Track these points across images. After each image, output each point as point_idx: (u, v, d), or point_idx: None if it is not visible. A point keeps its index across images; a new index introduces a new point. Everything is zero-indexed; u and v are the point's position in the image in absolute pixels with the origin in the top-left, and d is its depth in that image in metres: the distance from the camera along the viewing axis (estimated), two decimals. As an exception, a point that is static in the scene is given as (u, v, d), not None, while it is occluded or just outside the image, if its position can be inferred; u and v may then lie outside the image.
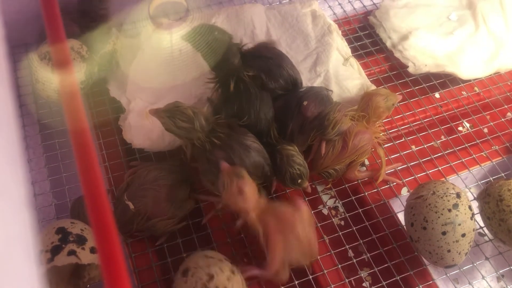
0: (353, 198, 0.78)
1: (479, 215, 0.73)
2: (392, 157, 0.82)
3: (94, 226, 0.36)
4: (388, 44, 0.96)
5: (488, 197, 0.71)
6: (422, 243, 0.68)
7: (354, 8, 1.05)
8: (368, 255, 0.72)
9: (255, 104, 0.74)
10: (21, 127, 0.85)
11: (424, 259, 0.71)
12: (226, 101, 0.75)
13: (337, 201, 0.78)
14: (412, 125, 0.88)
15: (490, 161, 0.83)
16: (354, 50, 0.95)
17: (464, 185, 0.80)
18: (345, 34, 0.99)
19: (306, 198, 0.78)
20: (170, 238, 0.72)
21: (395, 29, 0.97)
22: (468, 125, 0.88)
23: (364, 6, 1.06)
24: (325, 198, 0.79)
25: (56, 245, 0.60)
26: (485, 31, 0.96)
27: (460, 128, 0.88)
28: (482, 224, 0.74)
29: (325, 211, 0.78)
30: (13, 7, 0.87)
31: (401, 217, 0.75)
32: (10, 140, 0.33)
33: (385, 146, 0.82)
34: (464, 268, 0.71)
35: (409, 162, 0.82)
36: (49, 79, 0.80)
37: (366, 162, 0.82)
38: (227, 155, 0.69)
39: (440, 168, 0.81)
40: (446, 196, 0.67)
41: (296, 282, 0.69)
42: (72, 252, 0.60)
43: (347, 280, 0.70)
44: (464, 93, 0.92)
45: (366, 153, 0.76)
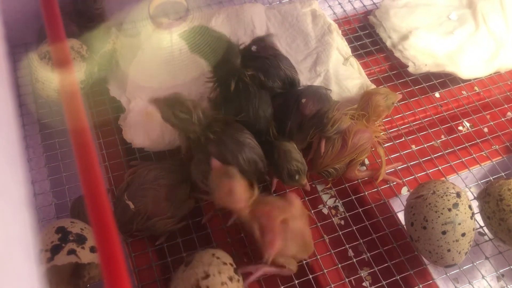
0: (353, 197, 0.78)
1: (479, 214, 0.73)
2: (392, 156, 0.82)
3: (94, 226, 0.36)
4: (388, 43, 0.96)
5: (488, 197, 0.71)
6: (422, 243, 0.68)
7: (354, 8, 1.05)
8: (368, 254, 0.72)
9: (254, 102, 0.74)
10: (21, 127, 0.85)
11: (424, 259, 0.71)
12: (226, 100, 0.75)
13: (337, 201, 0.78)
14: (412, 124, 0.88)
15: (490, 161, 0.83)
16: (354, 49, 0.95)
17: (464, 185, 0.80)
18: (345, 33, 0.99)
19: (306, 198, 0.78)
20: (170, 238, 0.72)
21: (395, 29, 0.97)
22: (468, 124, 0.88)
23: (364, 5, 1.06)
24: (325, 197, 0.79)
25: (56, 244, 0.60)
26: (485, 30, 0.96)
27: (460, 128, 0.88)
28: (482, 224, 0.74)
29: (325, 211, 0.78)
30: (13, 7, 0.87)
31: (401, 216, 0.75)
32: (10, 139, 0.33)
33: (385, 145, 0.82)
34: (464, 267, 0.71)
35: (409, 161, 0.82)
36: (49, 79, 0.80)
37: (366, 162, 0.82)
38: (220, 150, 0.69)
39: (440, 168, 0.81)
40: (446, 195, 0.67)
41: (296, 281, 0.69)
42: (72, 252, 0.60)
43: (347, 280, 0.70)
44: (464, 92, 0.92)
45: (366, 151, 0.76)
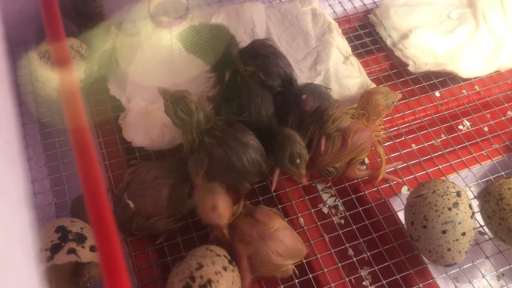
0: (353, 196, 0.78)
1: (479, 213, 0.73)
2: (392, 155, 0.82)
3: (94, 225, 0.36)
4: (389, 42, 0.96)
5: (489, 196, 0.71)
6: (422, 242, 0.68)
7: (354, 7, 1.05)
8: (368, 253, 0.72)
9: (256, 101, 0.74)
10: (21, 126, 0.85)
11: (424, 258, 0.71)
12: (226, 99, 0.75)
13: (337, 200, 0.78)
14: (412, 123, 0.87)
15: (490, 160, 0.83)
16: (354, 48, 0.95)
17: (464, 184, 0.80)
18: (345, 32, 0.99)
19: (306, 197, 0.78)
20: (170, 237, 0.72)
21: (396, 28, 0.97)
22: (468, 123, 0.88)
23: (364, 4, 1.06)
24: (325, 196, 0.79)
25: (56, 243, 0.60)
26: (486, 29, 0.96)
27: (460, 127, 0.88)
28: (482, 223, 0.74)
29: (325, 210, 0.78)
30: (12, 6, 0.87)
31: (401, 215, 0.75)
32: (10, 138, 0.33)
33: (385, 144, 0.82)
34: (464, 266, 0.71)
35: (409, 160, 0.82)
36: (48, 78, 0.80)
37: (366, 161, 0.82)
38: (224, 152, 0.69)
39: (440, 167, 0.81)
40: (447, 194, 0.67)
41: (296, 281, 0.69)
42: (71, 251, 0.60)
43: (347, 279, 0.70)
44: (464, 91, 0.92)
45: (366, 150, 0.76)
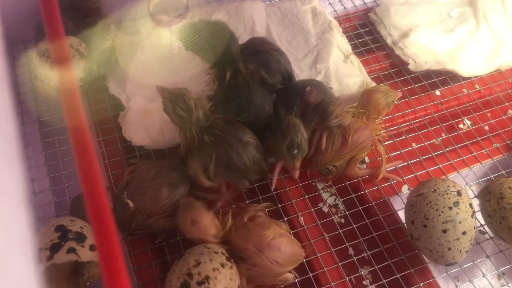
0: (354, 196, 0.77)
1: (479, 213, 0.73)
2: (392, 154, 0.82)
3: (93, 224, 0.36)
4: (389, 41, 0.96)
5: (489, 195, 0.70)
6: (422, 241, 0.68)
7: (355, 5, 1.05)
8: (369, 253, 0.72)
9: (255, 102, 0.74)
10: (20, 125, 0.84)
11: (425, 257, 0.71)
12: (226, 98, 0.75)
13: (337, 199, 0.78)
14: (412, 122, 0.87)
15: (491, 159, 0.83)
16: (354, 47, 0.95)
17: (465, 183, 0.80)
18: (345, 31, 0.99)
19: (306, 196, 0.77)
20: (170, 236, 0.72)
21: (396, 26, 0.97)
22: (468, 122, 0.88)
23: (365, 3, 1.06)
24: (325, 195, 0.79)
25: (56, 243, 0.60)
26: (486, 28, 0.96)
27: (461, 126, 0.88)
28: (482, 222, 0.74)
29: (325, 209, 0.77)
30: (11, 4, 0.87)
31: (402, 215, 0.74)
32: (8, 137, 0.33)
33: (385, 143, 0.82)
34: (465, 266, 0.71)
35: (409, 159, 0.82)
36: (47, 77, 0.80)
37: (367, 160, 0.81)
38: (225, 150, 0.69)
39: (440, 166, 0.81)
40: (447, 194, 0.67)
41: (296, 280, 0.68)
42: (71, 250, 0.59)
43: (347, 278, 0.70)
44: (464, 90, 0.92)
45: (366, 149, 0.76)
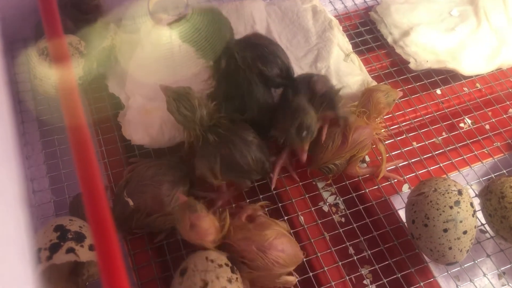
0: (354, 195, 0.77)
1: (480, 212, 0.73)
2: (393, 153, 0.82)
3: (92, 223, 0.36)
4: (389, 40, 0.96)
5: (490, 194, 0.70)
6: (423, 241, 0.67)
7: (355, 4, 1.05)
8: (369, 252, 0.72)
9: (257, 97, 0.74)
10: (19, 124, 0.84)
11: (425, 257, 0.71)
12: (227, 95, 0.74)
13: (337, 198, 0.78)
14: (413, 121, 0.87)
15: (491, 158, 0.83)
16: (355, 46, 0.95)
17: (466, 182, 0.79)
18: (346, 29, 0.98)
19: (307, 195, 0.77)
20: (170, 235, 0.72)
21: (396, 25, 0.97)
22: (469, 121, 0.88)
23: (365, 1, 1.05)
24: (325, 195, 0.78)
25: (55, 243, 0.59)
26: (487, 27, 0.96)
27: (462, 125, 0.88)
28: (483, 221, 0.74)
29: (326, 208, 0.77)
30: (10, 2, 0.86)
31: (402, 214, 0.74)
32: (5, 137, 0.33)
33: (386, 142, 0.82)
34: (466, 265, 0.71)
35: (410, 158, 0.81)
36: (46, 75, 0.79)
37: (367, 159, 0.81)
38: (229, 150, 0.69)
39: (441, 165, 0.81)
40: (448, 193, 0.67)
41: (297, 279, 0.68)
42: (70, 250, 0.59)
43: (347, 278, 0.70)
44: (465, 89, 0.92)
45: (366, 147, 0.76)
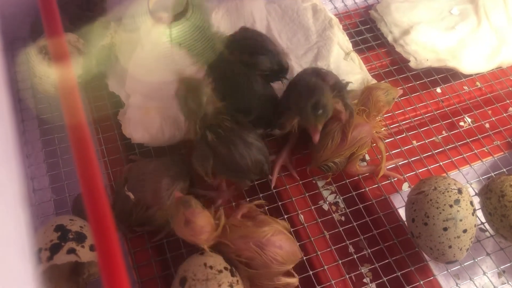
0: (354, 193, 0.77)
1: (480, 210, 0.73)
2: (393, 152, 0.82)
3: (92, 222, 0.36)
4: (390, 38, 0.96)
5: (490, 193, 0.70)
6: (423, 239, 0.67)
7: (355, 2, 1.05)
8: (369, 250, 0.72)
9: (257, 92, 0.74)
10: (19, 122, 0.84)
11: (425, 255, 0.71)
12: (226, 94, 0.74)
13: (337, 197, 0.78)
14: (413, 120, 0.87)
15: (491, 156, 0.83)
16: (355, 44, 0.95)
17: (466, 181, 0.79)
18: (346, 28, 0.98)
19: (307, 194, 0.77)
20: (170, 234, 0.72)
21: (397, 24, 0.97)
22: (469, 120, 0.88)
23: (365, 0, 1.05)
24: (325, 193, 0.78)
25: (55, 243, 0.59)
26: (487, 25, 0.96)
27: (462, 123, 0.87)
28: (483, 220, 0.74)
29: (326, 207, 0.77)
30: (10, 1, 0.86)
31: (402, 212, 0.74)
32: (5, 136, 0.33)
33: (386, 141, 0.82)
34: (465, 264, 0.71)
35: (410, 157, 0.81)
36: (46, 74, 0.79)
37: (367, 157, 0.81)
38: (229, 150, 0.68)
39: (441, 164, 0.81)
40: (448, 191, 0.67)
41: (298, 281, 0.68)
42: (71, 251, 0.59)
43: (347, 276, 0.70)
44: (465, 88, 0.92)
45: (366, 145, 0.75)
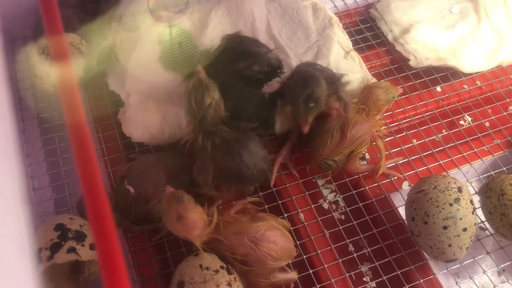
0: (354, 192, 0.77)
1: (480, 209, 0.73)
2: (393, 151, 0.82)
3: (92, 221, 0.36)
4: (390, 37, 0.96)
5: (490, 191, 0.70)
6: (423, 238, 0.67)
7: (355, 1, 1.05)
8: (369, 249, 0.72)
9: (252, 101, 0.74)
10: (19, 121, 0.84)
11: (425, 254, 0.71)
12: (227, 106, 0.73)
13: (337, 195, 0.78)
14: (413, 118, 0.87)
15: (491, 155, 0.83)
16: (355, 43, 0.95)
17: (466, 179, 0.80)
18: (346, 27, 0.98)
19: (307, 192, 0.77)
20: (170, 232, 0.72)
21: (397, 22, 0.97)
22: (469, 118, 0.88)
23: (365, -2, 1.05)
24: (325, 192, 0.78)
25: (56, 242, 0.59)
26: (488, 24, 0.96)
27: (462, 122, 0.88)
28: (483, 219, 0.74)
29: (326, 205, 0.77)
30: (11, 1, 0.86)
31: (402, 211, 0.74)
32: (5, 134, 0.33)
33: (386, 139, 0.82)
34: (465, 262, 0.71)
35: (410, 156, 0.81)
36: (46, 73, 0.79)
37: (367, 156, 0.81)
38: (233, 160, 0.68)
39: (441, 162, 0.81)
40: (448, 190, 0.67)
41: (297, 277, 0.68)
42: (72, 250, 0.59)
43: (347, 275, 0.70)
44: (465, 86, 0.92)
45: (365, 143, 0.75)
